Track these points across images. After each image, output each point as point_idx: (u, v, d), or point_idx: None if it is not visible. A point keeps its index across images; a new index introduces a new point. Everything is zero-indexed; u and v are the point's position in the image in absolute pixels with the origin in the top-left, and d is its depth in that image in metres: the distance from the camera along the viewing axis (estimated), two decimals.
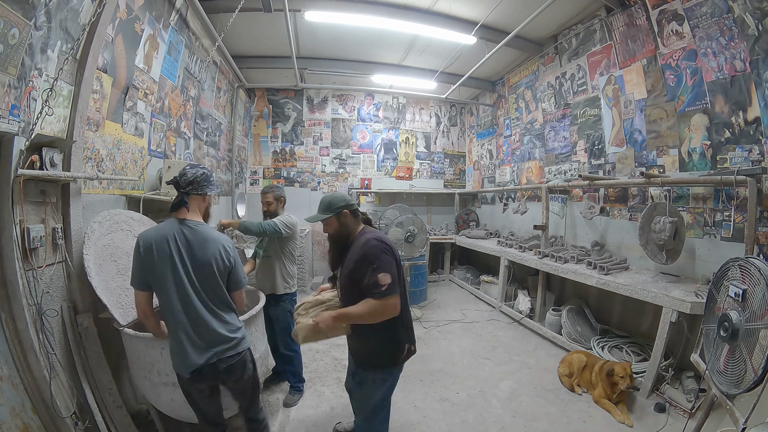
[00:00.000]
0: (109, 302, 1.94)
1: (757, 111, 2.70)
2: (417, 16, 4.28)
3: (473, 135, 7.53)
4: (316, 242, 6.75)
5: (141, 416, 2.36)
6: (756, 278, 1.45)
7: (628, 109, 3.85)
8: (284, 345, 2.82)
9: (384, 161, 7.27)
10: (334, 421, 2.55)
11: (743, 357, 1.44)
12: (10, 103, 1.70)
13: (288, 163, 6.90)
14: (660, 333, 2.73)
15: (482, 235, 6.17)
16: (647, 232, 3.07)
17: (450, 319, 4.64)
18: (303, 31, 4.84)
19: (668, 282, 3.05)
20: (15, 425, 1.66)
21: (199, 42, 3.97)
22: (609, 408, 2.62)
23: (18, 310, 1.75)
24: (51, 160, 1.91)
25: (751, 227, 2.56)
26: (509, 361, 3.50)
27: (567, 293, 4.55)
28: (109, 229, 2.24)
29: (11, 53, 1.66)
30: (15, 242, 1.71)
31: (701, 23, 3.03)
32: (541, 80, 5.26)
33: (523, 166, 5.79)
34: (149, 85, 3.02)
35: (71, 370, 2.00)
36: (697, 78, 3.12)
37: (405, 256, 4.21)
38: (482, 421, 2.56)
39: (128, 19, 2.62)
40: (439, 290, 5.99)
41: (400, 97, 7.26)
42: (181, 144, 3.74)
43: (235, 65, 5.17)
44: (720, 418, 1.92)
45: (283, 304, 2.78)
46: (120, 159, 2.68)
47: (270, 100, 6.78)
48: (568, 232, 4.74)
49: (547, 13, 3.80)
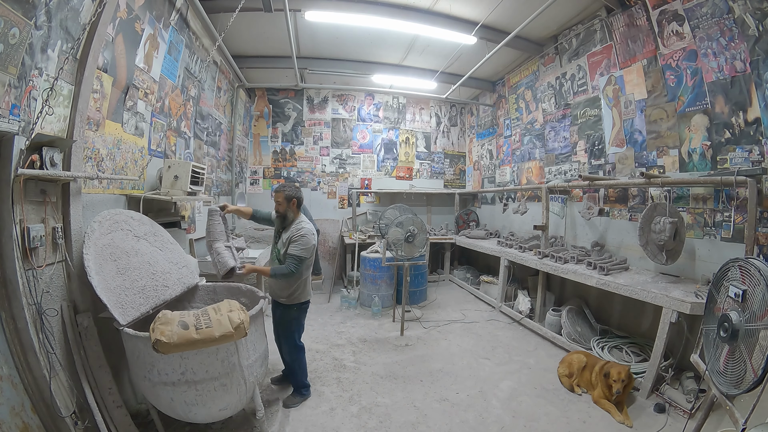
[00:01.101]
0: (109, 302, 1.94)
1: (758, 111, 2.70)
2: (417, 16, 4.28)
3: (473, 135, 7.53)
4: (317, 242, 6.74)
5: (141, 416, 2.36)
6: (756, 279, 1.45)
7: (628, 110, 3.85)
8: (287, 351, 2.82)
9: (384, 161, 7.27)
10: (335, 421, 2.55)
11: (743, 357, 1.44)
12: (11, 102, 1.70)
13: (288, 163, 6.90)
14: (660, 333, 2.73)
15: (482, 236, 6.17)
16: (647, 233, 3.07)
17: (450, 319, 4.64)
18: (303, 31, 4.84)
19: (668, 282, 3.05)
20: (15, 425, 1.66)
21: (199, 42, 3.97)
22: (609, 408, 2.62)
23: (18, 309, 1.75)
24: (51, 159, 1.91)
25: (751, 228, 2.57)
26: (509, 361, 3.50)
27: (567, 293, 4.55)
28: (109, 228, 2.24)
29: (11, 53, 1.66)
30: (15, 242, 1.71)
31: (701, 24, 3.03)
32: (541, 80, 5.26)
33: (523, 166, 5.79)
34: (149, 84, 3.02)
35: (71, 369, 2.00)
36: (698, 78, 3.12)
37: (405, 256, 4.20)
38: (482, 422, 2.56)
39: (128, 18, 2.62)
40: (439, 290, 5.99)
41: (400, 97, 7.26)
42: (181, 144, 3.74)
43: (235, 65, 5.17)
44: (720, 418, 1.93)
45: (290, 311, 2.75)
46: (120, 158, 2.68)
47: (270, 100, 6.78)
48: (568, 232, 4.74)
49: (548, 14, 3.80)
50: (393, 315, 4.69)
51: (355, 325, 4.43)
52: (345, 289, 5.37)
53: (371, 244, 5.74)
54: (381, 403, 2.77)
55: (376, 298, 4.82)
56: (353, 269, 5.72)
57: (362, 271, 5.17)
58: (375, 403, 2.76)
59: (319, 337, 4.04)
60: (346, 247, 6.13)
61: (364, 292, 5.09)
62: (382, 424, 2.52)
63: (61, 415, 1.80)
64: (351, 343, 3.90)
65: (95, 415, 1.95)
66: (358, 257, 5.41)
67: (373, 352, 3.66)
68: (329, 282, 6.17)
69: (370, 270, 5.01)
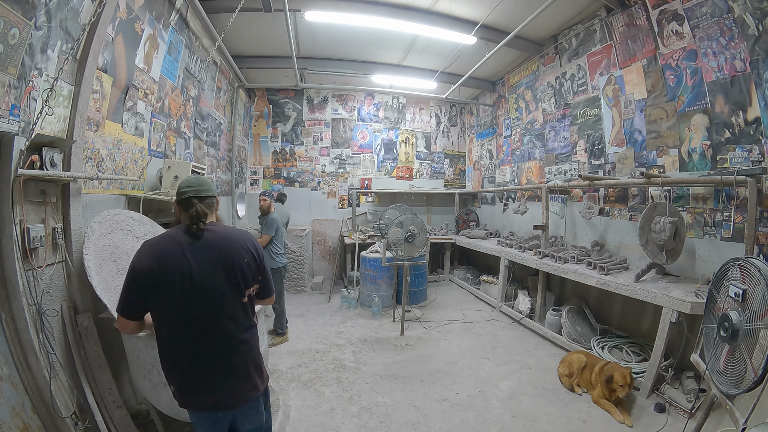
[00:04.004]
0: (109, 302, 1.94)
1: (757, 111, 2.70)
2: (417, 16, 4.28)
3: (473, 135, 7.53)
4: (316, 242, 6.75)
5: (141, 416, 2.36)
6: (756, 278, 1.45)
7: (628, 109, 3.85)
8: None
9: (384, 161, 7.27)
10: (335, 421, 2.55)
11: (743, 357, 1.44)
12: (10, 102, 1.70)
13: (288, 163, 6.90)
14: (660, 333, 2.73)
15: (482, 235, 6.17)
16: (647, 232, 3.07)
17: (450, 319, 4.64)
18: (303, 31, 4.84)
19: (668, 282, 3.05)
20: (15, 425, 1.66)
21: (199, 42, 3.97)
22: (609, 408, 2.62)
23: (18, 309, 1.75)
24: (51, 160, 1.91)
25: (751, 227, 2.56)
26: (509, 361, 3.50)
27: (567, 293, 4.55)
28: (109, 229, 2.24)
29: (11, 53, 1.66)
30: (15, 242, 1.71)
31: (701, 23, 3.03)
32: (541, 80, 5.26)
33: (523, 166, 5.79)
34: (149, 85, 3.02)
35: (71, 369, 2.00)
36: (697, 78, 3.12)
37: (405, 256, 4.20)
38: (482, 421, 2.55)
39: (128, 18, 2.62)
40: (439, 290, 5.99)
41: (400, 97, 7.26)
42: (181, 144, 3.74)
43: (235, 65, 5.17)
44: (720, 418, 1.92)
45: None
46: (120, 159, 2.68)
47: (270, 100, 6.78)
48: (568, 232, 4.73)
49: (547, 13, 3.80)
50: (393, 315, 4.69)
51: (355, 325, 4.43)
52: (345, 289, 5.37)
53: (371, 244, 5.74)
54: (381, 403, 2.77)
55: (376, 298, 4.82)
56: (353, 269, 5.72)
57: (362, 271, 5.17)
58: (375, 403, 2.76)
59: (319, 337, 4.04)
60: (346, 247, 6.13)
61: (364, 292, 5.09)
62: (382, 424, 2.52)
63: (61, 416, 1.80)
64: (351, 343, 3.90)
65: (95, 416, 1.95)
66: (358, 257, 5.41)
67: (373, 352, 3.66)
68: (329, 282, 6.18)
69: (370, 270, 5.01)
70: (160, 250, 1.36)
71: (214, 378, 1.40)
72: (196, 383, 1.40)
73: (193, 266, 1.35)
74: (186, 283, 1.33)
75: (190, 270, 1.34)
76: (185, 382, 1.41)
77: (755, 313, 1.43)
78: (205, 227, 1.42)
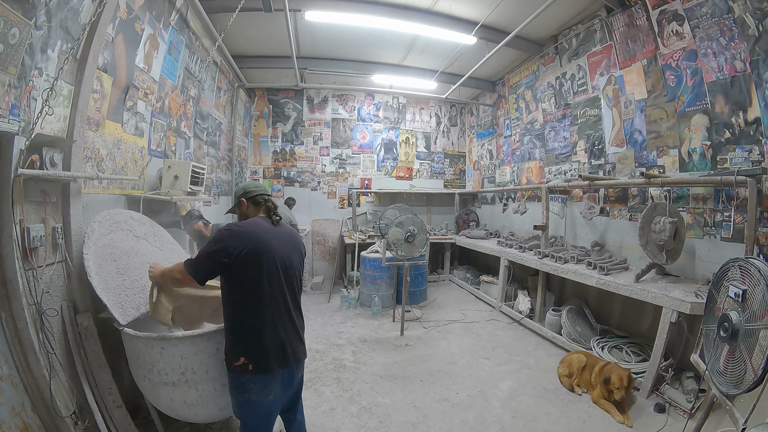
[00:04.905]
0: (109, 302, 1.94)
1: (757, 111, 2.70)
2: (417, 16, 4.28)
3: (473, 135, 7.53)
4: (316, 242, 6.75)
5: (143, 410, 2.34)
6: (756, 279, 1.45)
7: (628, 110, 3.85)
8: None
9: (384, 161, 7.27)
10: (335, 421, 2.55)
11: (743, 357, 1.44)
12: (10, 102, 1.70)
13: (288, 163, 6.90)
14: (660, 333, 2.73)
15: (482, 235, 6.17)
16: (647, 233, 3.07)
17: (450, 319, 4.64)
18: (303, 31, 4.84)
19: (668, 282, 3.05)
20: (15, 425, 1.66)
21: (199, 42, 3.97)
22: (608, 408, 2.62)
23: (18, 309, 1.75)
24: (51, 159, 1.91)
25: (751, 228, 2.57)
26: (509, 361, 3.50)
27: (567, 293, 4.55)
28: (109, 228, 2.24)
29: (11, 53, 1.66)
30: (15, 242, 1.71)
31: (701, 23, 3.03)
32: (541, 80, 5.26)
33: (523, 166, 5.79)
34: (149, 84, 3.02)
35: (71, 369, 2.00)
36: (698, 78, 3.12)
37: (405, 256, 4.20)
38: (482, 421, 2.55)
39: (128, 18, 2.62)
40: (439, 290, 5.99)
41: (400, 97, 7.26)
42: (181, 144, 3.74)
43: (235, 65, 5.17)
44: (720, 418, 1.93)
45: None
46: (120, 159, 2.68)
47: (270, 100, 6.79)
48: (568, 232, 4.74)
49: (547, 13, 3.80)
50: (393, 315, 4.69)
51: (355, 325, 4.43)
52: (345, 289, 5.37)
53: (371, 244, 5.74)
54: (381, 403, 2.77)
55: (376, 298, 4.82)
56: (353, 269, 5.72)
57: (362, 271, 5.17)
58: (375, 403, 2.76)
59: (319, 336, 4.04)
60: (346, 247, 6.13)
61: (364, 292, 5.09)
62: (382, 424, 2.52)
63: (61, 416, 1.80)
64: (351, 343, 3.90)
65: (95, 415, 1.95)
66: (358, 257, 5.41)
67: (373, 352, 3.66)
68: (329, 282, 6.18)
69: (370, 270, 5.01)
70: (255, 231, 1.64)
71: (291, 340, 1.68)
72: (284, 346, 1.64)
73: (282, 248, 1.67)
74: (280, 262, 1.64)
75: (281, 251, 1.66)
76: (273, 346, 1.61)
77: (755, 314, 1.43)
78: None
